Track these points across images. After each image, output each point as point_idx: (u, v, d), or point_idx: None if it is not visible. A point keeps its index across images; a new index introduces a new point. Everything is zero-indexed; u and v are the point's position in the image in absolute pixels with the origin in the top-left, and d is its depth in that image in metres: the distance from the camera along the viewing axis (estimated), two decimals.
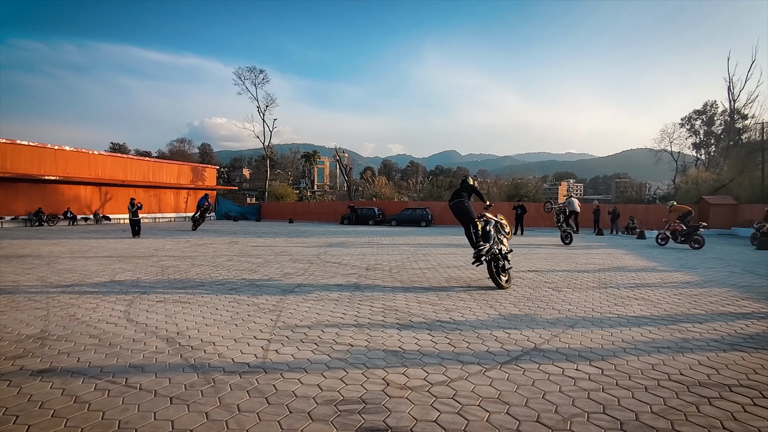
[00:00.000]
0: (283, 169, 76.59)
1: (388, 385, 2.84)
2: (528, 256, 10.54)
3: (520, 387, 2.83)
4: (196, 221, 19.66)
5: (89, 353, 3.44)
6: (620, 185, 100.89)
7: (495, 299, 5.49)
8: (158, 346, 3.61)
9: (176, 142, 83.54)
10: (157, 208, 31.42)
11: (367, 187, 48.01)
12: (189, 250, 11.07)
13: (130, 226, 16.10)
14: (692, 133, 45.65)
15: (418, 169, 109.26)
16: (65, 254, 10.11)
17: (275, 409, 2.50)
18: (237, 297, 5.51)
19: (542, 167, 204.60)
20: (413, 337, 3.90)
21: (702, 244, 12.58)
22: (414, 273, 7.63)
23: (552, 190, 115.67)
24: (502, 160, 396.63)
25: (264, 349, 3.55)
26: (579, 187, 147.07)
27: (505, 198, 37.80)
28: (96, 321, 4.37)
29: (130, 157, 33.67)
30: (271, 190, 49.24)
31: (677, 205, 14.34)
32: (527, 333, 4.03)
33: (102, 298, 5.40)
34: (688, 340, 3.90)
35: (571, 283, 6.72)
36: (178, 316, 4.54)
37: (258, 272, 7.54)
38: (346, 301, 5.36)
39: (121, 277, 6.92)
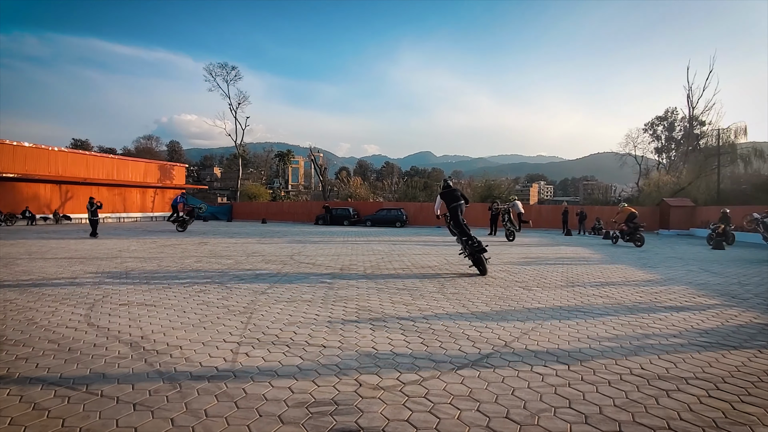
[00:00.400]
0: (257, 169, 75.17)
1: (361, 386, 2.83)
2: (500, 255, 10.76)
3: (491, 384, 2.88)
4: (184, 222, 18.60)
5: (48, 359, 3.26)
6: (588, 187, 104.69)
7: (468, 299, 5.57)
8: (121, 351, 3.47)
9: (143, 139, 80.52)
10: (122, 207, 30.18)
11: (342, 187, 47.79)
12: (156, 252, 10.69)
13: (91, 225, 15.54)
14: (654, 138, 47.85)
15: (394, 169, 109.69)
16: (23, 255, 9.56)
17: (244, 413, 2.45)
18: (206, 299, 5.36)
19: (514, 169, 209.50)
20: (387, 337, 3.91)
21: (642, 242, 13.99)
22: (388, 273, 7.65)
23: (524, 192, 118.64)
24: (476, 161, 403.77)
25: (234, 352, 3.47)
26: (549, 189, 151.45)
27: (478, 199, 38.47)
28: (55, 325, 4.15)
29: (93, 154, 32.16)
30: (244, 189, 48.22)
31: (626, 207, 15.54)
32: (498, 331, 4.12)
33: (62, 302, 5.14)
34: (649, 335, 4.08)
35: (540, 282, 6.91)
36: (143, 320, 4.38)
37: (228, 274, 7.37)
38: (320, 302, 5.31)
39: (82, 280, 6.60)
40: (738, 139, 33.11)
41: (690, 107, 40.98)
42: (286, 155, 69.63)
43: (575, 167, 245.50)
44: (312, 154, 60.77)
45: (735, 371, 3.20)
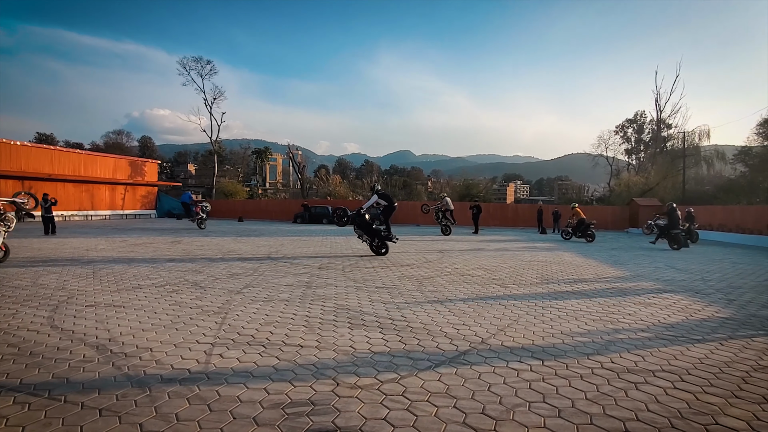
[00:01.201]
0: (233, 166, 73.64)
1: (338, 386, 2.80)
2: (477, 254, 10.91)
3: (468, 381, 2.90)
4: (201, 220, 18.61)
5: (7, 364, 3.09)
6: (562, 187, 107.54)
7: (446, 297, 5.61)
8: (87, 354, 3.32)
9: (113, 134, 77.63)
10: (90, 204, 29.00)
11: (322, 185, 47.42)
12: (125, 251, 10.32)
13: (43, 224, 15.05)
14: (625, 140, 49.56)
15: (373, 168, 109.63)
16: None
17: (218, 416, 2.38)
18: (178, 300, 5.20)
19: (492, 169, 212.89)
20: (365, 336, 3.89)
21: (593, 238, 15.95)
22: (367, 272, 7.62)
23: (501, 191, 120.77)
24: (455, 161, 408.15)
25: (207, 353, 3.37)
26: (525, 189, 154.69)
27: (457, 198, 38.91)
28: (15, 328, 3.94)
29: (58, 149, 30.74)
30: (220, 186, 47.17)
31: (577, 207, 17.26)
32: (476, 328, 4.16)
33: (23, 304, 4.88)
34: (619, 330, 4.21)
35: (516, 280, 7.04)
36: (111, 322, 4.21)
37: (203, 273, 7.18)
38: (297, 301, 5.24)
39: (45, 280, 6.30)
40: (702, 142, 34.73)
41: (658, 110, 42.68)
42: (264, 152, 68.49)
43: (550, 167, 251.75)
44: (290, 152, 60.03)
45: (698, 363, 3.34)
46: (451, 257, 10.05)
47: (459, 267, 8.41)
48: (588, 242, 15.71)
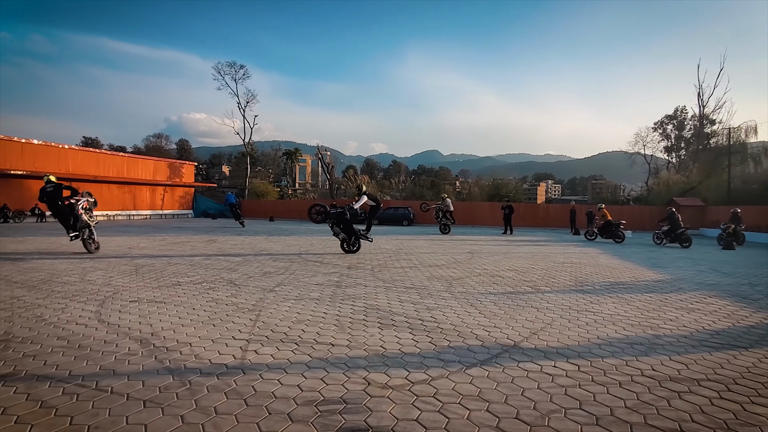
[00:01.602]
0: (264, 167, 75.48)
1: (369, 385, 2.82)
2: (508, 255, 10.71)
3: (500, 384, 2.86)
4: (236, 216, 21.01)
5: (57, 356, 3.29)
6: (596, 186, 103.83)
7: (476, 298, 5.54)
8: (131, 347, 3.49)
9: (152, 138, 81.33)
10: (132, 205, 30.49)
11: (350, 185, 47.86)
12: (165, 249, 10.78)
13: None
14: (664, 137, 47.26)
15: (401, 168, 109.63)
16: (32, 252, 9.70)
17: (254, 411, 2.45)
18: (215, 296, 5.39)
19: (522, 168, 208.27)
20: (395, 336, 3.90)
21: (623, 239, 15.52)
22: (396, 272, 7.64)
23: (531, 191, 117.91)
24: (483, 160, 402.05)
25: (242, 349, 3.48)
26: (557, 188, 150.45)
27: (486, 198, 38.30)
28: (64, 322, 4.20)
29: (103, 152, 32.52)
30: (252, 187, 48.46)
31: (604, 208, 16.84)
32: (507, 331, 4.09)
33: (71, 298, 5.19)
34: (660, 336, 4.03)
35: (549, 282, 6.86)
36: (153, 317, 4.41)
37: (237, 271, 7.41)
38: (328, 300, 5.32)
39: (92, 277, 6.67)
40: (749, 139, 32.61)
41: (700, 106, 40.44)
42: (294, 153, 69.80)
43: (583, 166, 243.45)
44: (319, 153, 60.91)
45: (746, 372, 3.15)
46: (481, 258, 9.91)
47: (489, 268, 8.28)
48: (617, 243, 15.28)
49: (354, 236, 10.17)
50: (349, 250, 10.23)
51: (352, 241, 10.19)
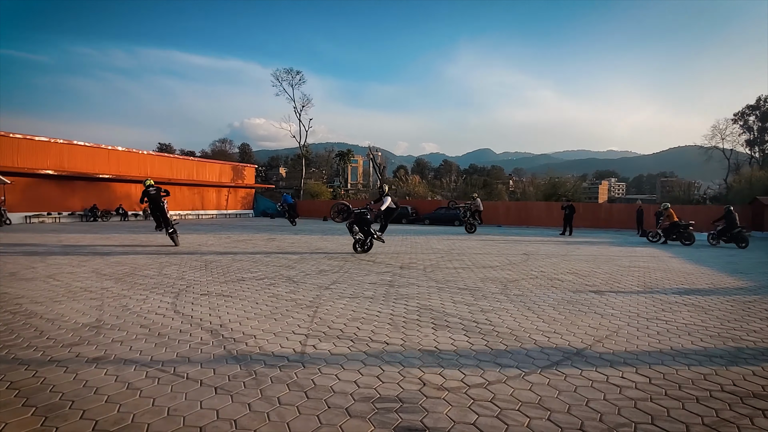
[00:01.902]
0: (318, 168, 77.90)
1: (425, 385, 2.83)
2: (567, 257, 10.19)
3: (562, 393, 2.74)
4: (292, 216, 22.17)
5: (140, 342, 3.64)
6: (666, 184, 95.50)
7: (533, 301, 5.35)
8: (203, 337, 3.78)
9: (218, 143, 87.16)
10: (200, 205, 32.86)
11: (401, 185, 48.03)
12: (230, 246, 11.50)
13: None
14: (745, 129, 42.40)
15: (452, 167, 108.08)
16: (117, 248, 10.77)
17: (314, 404, 2.56)
18: (275, 292, 5.67)
19: (581, 165, 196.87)
20: (449, 337, 3.87)
21: (692, 240, 14.57)
22: (449, 272, 7.56)
23: (592, 189, 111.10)
24: (539, 158, 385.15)
25: (302, 344, 3.63)
26: (621, 187, 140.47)
27: (542, 197, 36.69)
28: (146, 312, 4.63)
29: (176, 157, 35.40)
30: (307, 188, 50.25)
31: (671, 209, 15.95)
32: (569, 337, 3.90)
33: (151, 290, 5.71)
34: (742, 349, 3.64)
35: (614, 287, 6.44)
36: (221, 309, 4.74)
37: (295, 268, 7.73)
38: (381, 299, 5.39)
39: (168, 271, 7.29)
40: None
41: None
42: (346, 154, 71.36)
43: (651, 162, 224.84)
44: (371, 153, 61.74)
45: None
46: (537, 260, 9.52)
47: (546, 271, 7.94)
48: (685, 245, 14.39)
49: (369, 237, 10.16)
50: (362, 250, 10.22)
51: (368, 242, 10.20)
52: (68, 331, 3.93)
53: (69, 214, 24.51)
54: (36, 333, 3.85)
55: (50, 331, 3.90)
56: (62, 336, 3.78)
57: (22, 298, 5.20)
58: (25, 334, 3.80)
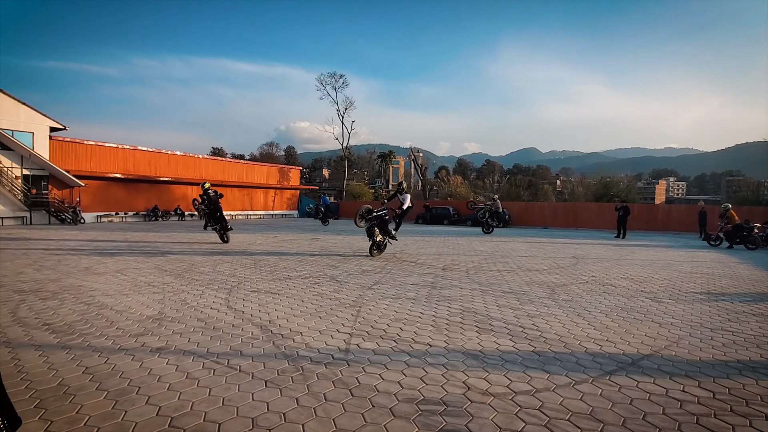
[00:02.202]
0: (360, 169, 78.89)
1: (469, 389, 2.80)
2: (620, 262, 9.64)
3: (616, 405, 2.61)
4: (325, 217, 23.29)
5: (197, 335, 3.88)
6: (732, 184, 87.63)
7: (583, 307, 5.12)
8: (254, 332, 3.97)
9: (265, 146, 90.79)
10: (249, 205, 34.38)
11: (442, 186, 47.57)
12: (277, 245, 11.95)
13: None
14: None
15: (495, 168, 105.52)
16: (176, 246, 11.52)
17: (359, 402, 2.61)
18: (320, 291, 5.83)
19: (636, 164, 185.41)
20: (494, 341, 3.80)
21: (758, 245, 13.58)
22: (492, 275, 7.41)
23: (648, 189, 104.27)
24: (589, 156, 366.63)
25: (346, 342, 3.71)
26: (681, 187, 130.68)
27: (591, 198, 34.94)
28: (202, 306, 4.92)
29: (227, 160, 37.29)
30: (349, 189, 51.06)
31: (732, 210, 15.08)
32: (622, 346, 3.70)
33: (207, 286, 6.07)
34: None
35: (673, 294, 6.02)
36: (270, 306, 4.94)
37: (338, 268, 7.89)
38: (424, 300, 5.38)
39: (221, 268, 7.70)
40: None
41: None
42: (388, 156, 71.75)
43: (715, 160, 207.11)
44: (412, 154, 61.65)
45: None
46: (588, 264, 9.09)
47: (598, 275, 7.56)
48: (750, 250, 13.52)
49: (388, 237, 10.00)
50: (378, 249, 9.89)
51: (384, 243, 9.97)
52: (134, 322, 4.27)
53: (134, 214, 26.52)
54: (107, 323, 4.22)
55: (119, 322, 4.25)
56: (129, 326, 4.11)
57: (95, 290, 5.71)
58: (97, 324, 4.18)
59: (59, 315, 4.49)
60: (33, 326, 4.08)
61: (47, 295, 5.42)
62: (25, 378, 2.89)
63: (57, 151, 23.42)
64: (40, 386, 2.76)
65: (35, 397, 2.61)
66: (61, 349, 3.47)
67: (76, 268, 7.60)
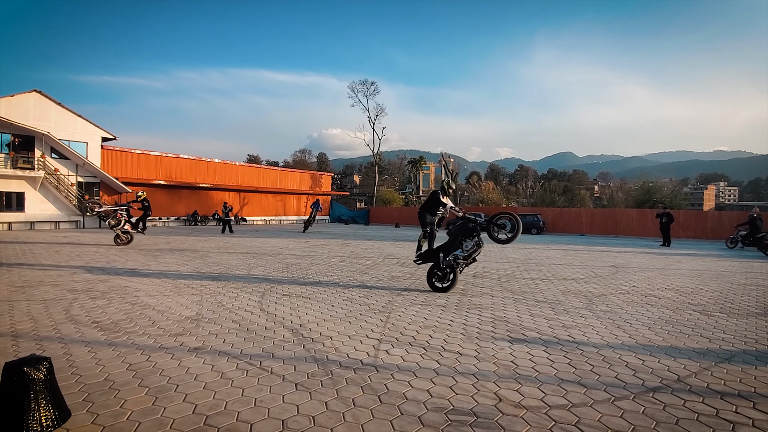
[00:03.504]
0: (390, 175, 79.13)
1: (501, 401, 2.73)
2: (665, 272, 9.13)
3: (660, 424, 2.46)
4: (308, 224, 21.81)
5: (232, 336, 4.00)
6: None
7: (624, 319, 4.88)
8: (285, 335, 4.04)
9: (298, 153, 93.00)
10: (283, 211, 35.24)
11: (474, 192, 46.91)
12: (308, 250, 12.16)
13: (222, 225, 20.28)
14: None
15: (528, 173, 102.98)
16: (213, 250, 11.95)
17: (387, 409, 2.60)
18: (350, 296, 5.87)
19: (682, 168, 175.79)
20: (527, 352, 3.68)
21: None
22: (525, 283, 7.20)
23: (696, 195, 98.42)
24: (629, 161, 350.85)
25: (375, 348, 3.71)
26: (732, 192, 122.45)
27: (632, 204, 33.41)
28: (237, 308, 5.07)
29: (262, 167, 38.48)
30: (379, 195, 51.30)
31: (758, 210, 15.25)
32: (667, 362, 3.49)
33: (242, 289, 6.25)
34: None
35: (724, 307, 5.63)
36: (301, 310, 5.03)
37: (368, 274, 7.92)
38: (454, 308, 5.31)
39: (255, 272, 7.92)
40: None
41: None
42: (418, 162, 71.62)
43: None
44: (443, 160, 61.24)
45: None
46: (628, 273, 8.67)
47: (639, 286, 7.19)
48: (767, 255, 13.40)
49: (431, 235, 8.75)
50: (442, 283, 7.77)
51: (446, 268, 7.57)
52: (174, 322, 4.46)
53: (175, 218, 27.78)
54: (149, 322, 4.42)
55: (160, 321, 4.45)
56: (169, 326, 4.29)
57: (140, 291, 6.01)
58: (140, 323, 4.39)
59: (107, 313, 4.76)
60: (83, 323, 4.35)
61: (96, 294, 5.76)
62: (75, 372, 3.07)
63: (107, 159, 24.95)
64: (89, 381, 2.93)
65: (83, 391, 2.77)
66: (108, 345, 3.67)
67: (123, 269, 8.04)
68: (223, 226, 20.20)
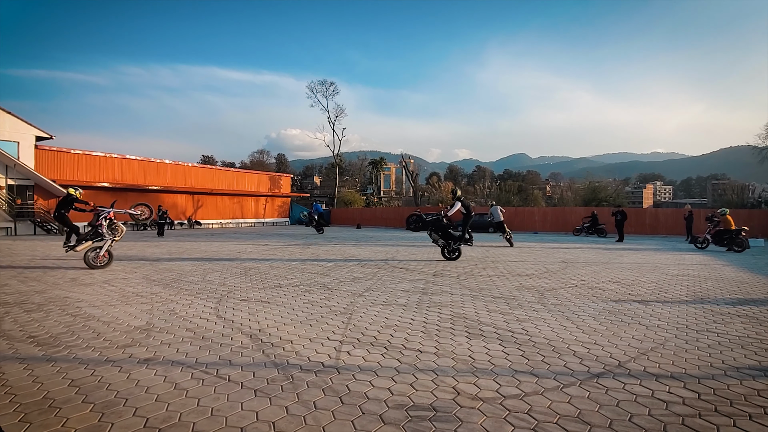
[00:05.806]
0: (351, 176, 78.90)
1: (459, 395, 2.82)
2: (609, 265, 9.77)
3: (603, 407, 2.65)
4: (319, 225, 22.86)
5: (186, 345, 3.84)
6: (717, 187, 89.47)
7: (572, 311, 5.18)
8: (243, 341, 3.94)
9: (256, 153, 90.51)
10: (240, 214, 34.11)
11: (434, 192, 47.78)
12: (267, 254, 11.88)
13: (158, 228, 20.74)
14: None
15: (485, 173, 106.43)
16: (165, 255, 11.39)
17: (349, 409, 2.61)
18: (311, 299, 5.81)
19: (623, 169, 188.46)
20: (483, 346, 3.82)
21: (744, 247, 13.82)
22: (482, 280, 7.45)
23: (636, 194, 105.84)
24: (578, 162, 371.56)
25: (337, 350, 3.71)
26: (668, 190, 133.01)
27: (581, 203, 35.37)
28: (191, 316, 4.87)
29: (217, 168, 37.00)
30: (340, 196, 51.02)
31: (729, 215, 14.81)
32: (610, 349, 3.75)
33: (196, 295, 6.01)
34: None
35: (660, 297, 6.12)
36: (260, 315, 4.91)
37: (329, 275, 7.87)
38: (414, 306, 5.40)
39: (210, 277, 7.63)
40: None
41: None
42: (379, 163, 71.96)
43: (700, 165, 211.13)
44: (403, 161, 61.93)
45: None
46: (577, 268, 9.20)
47: (586, 279, 7.65)
48: (737, 252, 13.77)
49: (454, 241, 10.30)
50: (450, 257, 10.36)
51: (452, 248, 10.34)
52: (122, 333, 4.21)
53: (123, 223, 26.17)
54: (94, 334, 4.15)
55: (106, 333, 4.19)
56: (117, 338, 4.05)
57: (82, 302, 5.62)
58: (84, 336, 4.11)
59: (44, 327, 4.42)
60: (17, 339, 4.01)
61: (32, 307, 5.33)
62: (9, 392, 2.83)
63: (43, 160, 23.08)
64: (25, 399, 2.71)
65: (20, 411, 2.56)
66: (47, 361, 3.41)
67: (62, 279, 7.48)
68: (159, 229, 20.45)
